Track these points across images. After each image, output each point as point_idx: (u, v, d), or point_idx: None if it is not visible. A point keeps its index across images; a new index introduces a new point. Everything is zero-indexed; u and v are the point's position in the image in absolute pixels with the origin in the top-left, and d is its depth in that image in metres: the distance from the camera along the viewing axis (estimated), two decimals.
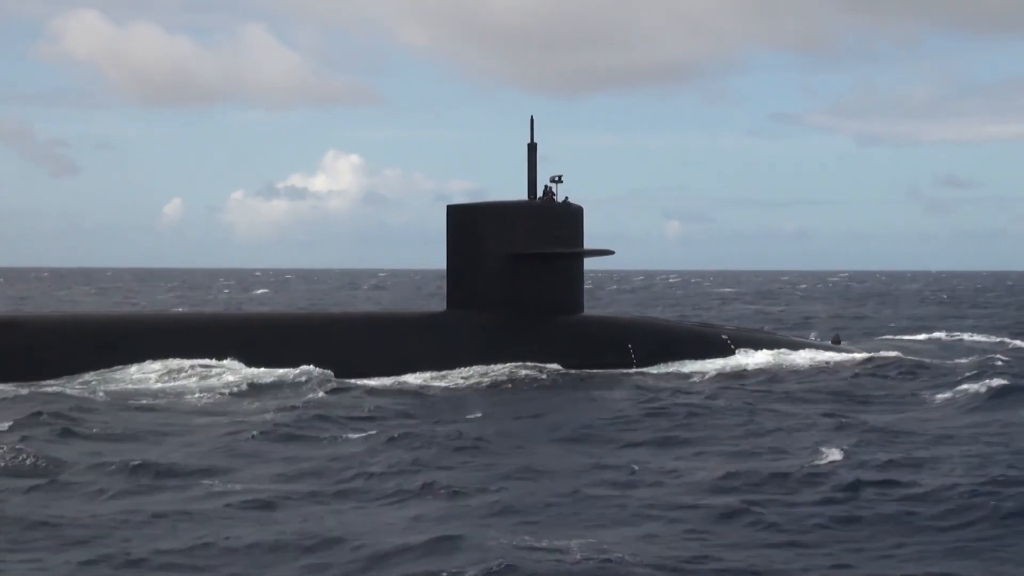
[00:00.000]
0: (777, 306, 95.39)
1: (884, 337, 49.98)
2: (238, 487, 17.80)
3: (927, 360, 37.63)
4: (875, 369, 35.49)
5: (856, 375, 34.12)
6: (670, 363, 35.60)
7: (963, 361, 37.87)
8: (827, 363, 36.83)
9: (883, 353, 39.28)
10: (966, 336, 50.49)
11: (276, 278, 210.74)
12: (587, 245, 37.76)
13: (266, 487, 17.85)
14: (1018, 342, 46.71)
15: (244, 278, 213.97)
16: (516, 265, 35.93)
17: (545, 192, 37.32)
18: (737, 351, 37.27)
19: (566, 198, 37.40)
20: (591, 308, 45.28)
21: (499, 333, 35.38)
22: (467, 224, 36.59)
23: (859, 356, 38.42)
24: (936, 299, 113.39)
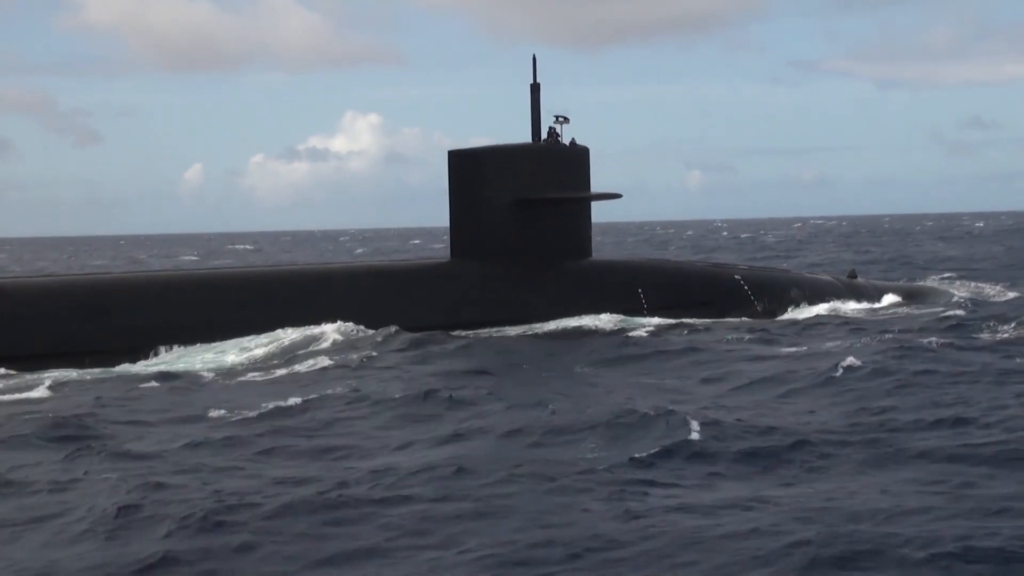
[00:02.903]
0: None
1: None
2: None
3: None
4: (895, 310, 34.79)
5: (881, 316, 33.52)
6: (679, 310, 34.79)
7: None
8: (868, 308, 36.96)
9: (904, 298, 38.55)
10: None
11: (307, 239, 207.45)
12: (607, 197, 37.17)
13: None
14: None
15: (270, 241, 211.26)
16: (521, 210, 35.08)
17: (550, 134, 36.33)
18: (755, 294, 36.55)
19: (572, 140, 36.48)
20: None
21: (506, 281, 34.60)
22: (470, 170, 35.67)
23: (888, 299, 38.22)
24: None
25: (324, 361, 26.75)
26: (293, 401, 21.00)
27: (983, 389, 20.16)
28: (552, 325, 32.98)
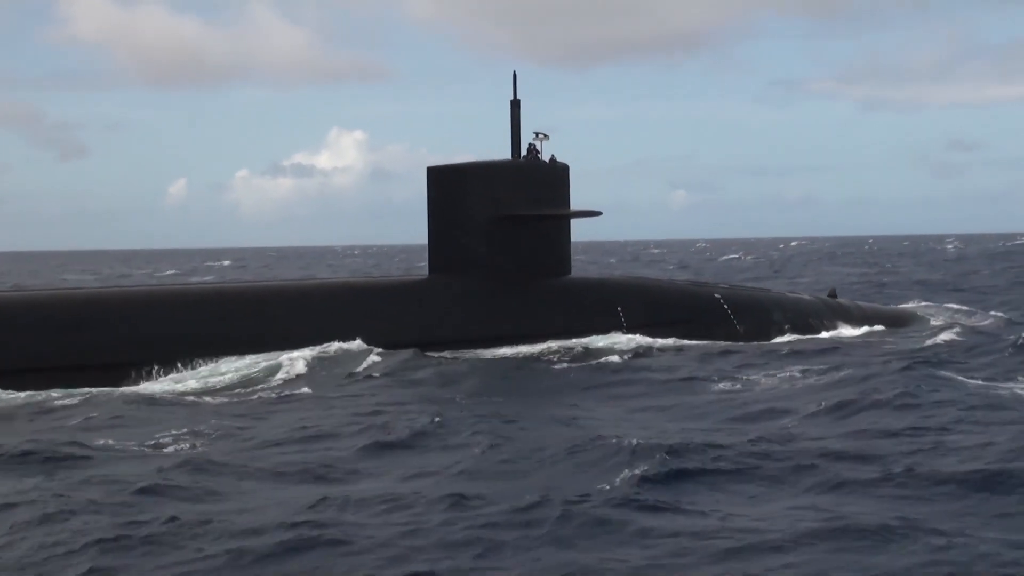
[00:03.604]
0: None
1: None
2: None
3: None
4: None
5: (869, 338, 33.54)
6: (659, 328, 34.66)
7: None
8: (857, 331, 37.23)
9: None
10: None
11: (303, 256, 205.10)
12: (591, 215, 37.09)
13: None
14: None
15: (253, 257, 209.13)
16: (501, 227, 34.82)
17: (529, 150, 36.10)
18: (735, 313, 36.45)
19: (552, 156, 36.25)
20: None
21: (484, 298, 34.29)
22: (449, 186, 35.37)
23: (867, 321, 38.27)
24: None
25: (283, 389, 26.21)
26: (238, 427, 20.61)
27: (952, 420, 19.77)
28: (528, 344, 32.68)
